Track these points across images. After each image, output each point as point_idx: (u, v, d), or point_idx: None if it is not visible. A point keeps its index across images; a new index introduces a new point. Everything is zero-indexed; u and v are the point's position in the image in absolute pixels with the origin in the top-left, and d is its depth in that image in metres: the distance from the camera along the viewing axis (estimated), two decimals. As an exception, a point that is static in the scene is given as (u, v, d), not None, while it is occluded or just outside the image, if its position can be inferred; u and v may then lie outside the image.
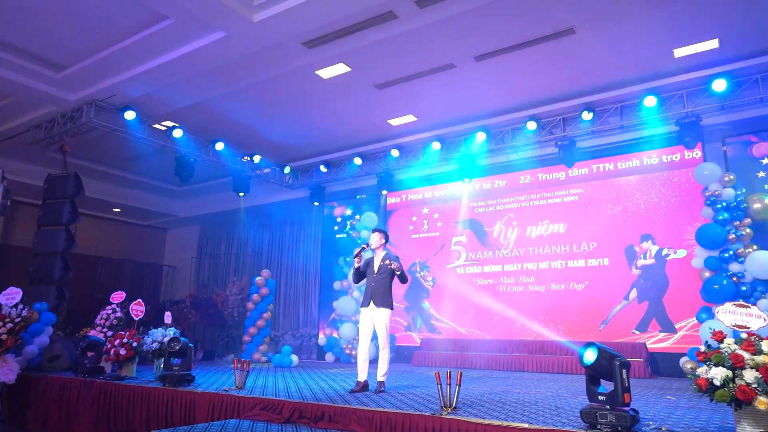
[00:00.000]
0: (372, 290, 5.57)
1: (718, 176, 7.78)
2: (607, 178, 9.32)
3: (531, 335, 9.47)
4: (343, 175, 12.18)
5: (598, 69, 8.27)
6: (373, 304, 5.54)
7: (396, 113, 10.04)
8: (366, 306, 5.59)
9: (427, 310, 10.82)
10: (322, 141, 11.42)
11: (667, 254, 8.52)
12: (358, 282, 5.79)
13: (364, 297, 5.66)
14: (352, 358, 10.62)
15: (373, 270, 5.62)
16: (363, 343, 5.55)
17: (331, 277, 11.98)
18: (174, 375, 5.69)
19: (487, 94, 9.23)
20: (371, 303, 5.56)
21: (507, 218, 10.22)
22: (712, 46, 7.52)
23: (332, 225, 12.68)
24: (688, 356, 7.75)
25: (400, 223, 11.62)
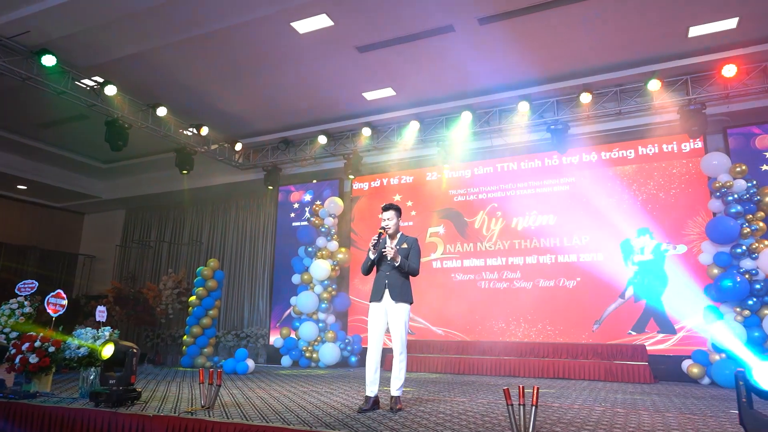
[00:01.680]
0: (387, 280, 4.39)
1: (727, 167, 7.29)
2: (601, 168, 8.67)
3: (517, 336, 8.64)
4: (304, 156, 10.81)
5: (602, 46, 7.57)
6: (388, 298, 4.36)
7: (373, 85, 8.87)
8: (378, 300, 4.39)
9: (398, 308, 9.69)
10: (284, 114, 10.00)
11: (666, 250, 7.98)
12: (369, 273, 4.57)
13: (374, 289, 4.45)
14: (312, 362, 9.31)
15: (385, 257, 4.43)
16: (374, 346, 4.34)
17: (287, 270, 10.57)
18: (112, 391, 4.19)
19: (478, 69, 8.29)
20: (386, 296, 4.37)
21: (490, 208, 9.34)
22: (729, 26, 7.00)
23: (288, 211, 11.26)
24: (693, 359, 7.21)
25: (367, 211, 10.44)
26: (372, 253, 4.36)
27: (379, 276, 4.42)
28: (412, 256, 4.43)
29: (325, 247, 9.76)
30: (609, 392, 5.84)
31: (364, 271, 4.50)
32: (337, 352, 9.15)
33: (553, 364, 7.62)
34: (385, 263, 4.41)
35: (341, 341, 9.35)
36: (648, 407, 4.62)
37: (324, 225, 9.86)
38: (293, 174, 11.36)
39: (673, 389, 6.32)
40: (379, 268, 4.45)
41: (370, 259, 4.40)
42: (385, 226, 4.42)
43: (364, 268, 4.48)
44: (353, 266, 10.22)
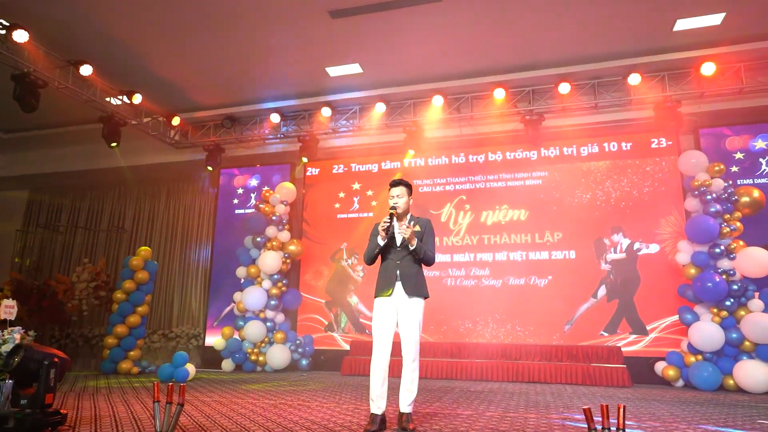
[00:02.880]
0: (399, 270, 3.58)
1: (705, 166, 7.18)
2: (575, 162, 8.37)
3: (484, 338, 8.13)
4: (252, 135, 9.69)
5: (584, 35, 7.24)
6: (401, 291, 3.56)
7: (339, 59, 8.00)
8: (386, 294, 3.57)
9: (354, 306, 8.89)
10: (232, 86, 8.86)
11: (638, 249, 7.79)
12: (373, 262, 3.75)
13: (381, 281, 3.63)
14: (257, 366, 8.26)
15: (394, 242, 3.64)
16: (382, 352, 3.52)
17: (229, 262, 9.43)
18: (25, 415, 3.06)
19: (455, 48, 7.68)
20: (397, 289, 3.56)
21: (458, 200, 8.78)
22: (714, 22, 6.87)
23: (231, 197, 10.08)
24: (667, 361, 7.02)
25: (322, 199, 9.53)
26: (381, 238, 3.55)
27: (388, 265, 3.61)
28: (426, 241, 3.66)
29: (276, 237, 8.74)
30: (621, 401, 5.40)
31: (368, 260, 3.67)
32: (287, 354, 8.18)
33: (528, 367, 7.15)
34: (395, 250, 3.61)
35: (291, 342, 8.38)
36: (701, 420, 4.16)
37: (275, 213, 8.82)
38: (238, 156, 10.18)
39: (661, 394, 6.02)
40: (386, 256, 3.64)
41: (378, 245, 3.58)
42: (394, 205, 3.62)
43: (369, 256, 3.65)
44: (305, 259, 9.27)
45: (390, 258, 3.60)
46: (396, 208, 3.61)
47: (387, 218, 3.50)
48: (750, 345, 6.44)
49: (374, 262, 3.69)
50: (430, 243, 3.66)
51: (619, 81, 7.93)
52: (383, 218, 3.55)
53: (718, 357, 6.61)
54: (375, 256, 3.63)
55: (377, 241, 3.55)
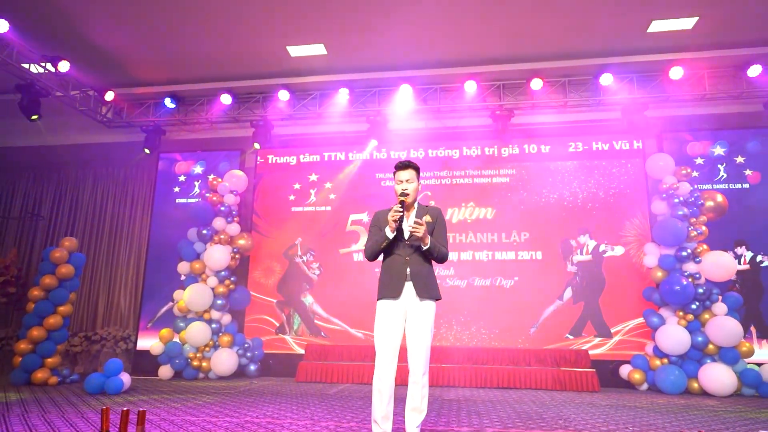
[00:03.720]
0: (409, 268, 3.05)
1: (672, 169, 7.20)
2: (543, 161, 8.19)
3: (448, 341, 7.76)
4: (198, 117, 8.77)
5: (560, 29, 7.03)
6: (411, 293, 3.04)
7: (303, 37, 7.34)
8: (394, 296, 3.03)
9: (309, 307, 8.24)
10: (178, 60, 7.94)
11: (604, 251, 7.72)
12: (377, 258, 3.19)
13: (387, 281, 3.09)
14: (200, 373, 7.42)
15: (402, 235, 3.11)
16: (389, 364, 2.97)
17: (167, 256, 8.49)
18: None
19: (429, 35, 7.24)
20: (407, 291, 3.03)
21: (423, 196, 8.34)
22: (687, 26, 6.88)
23: (172, 185, 9.09)
24: (632, 365, 6.95)
25: (275, 190, 8.79)
26: (390, 230, 3.01)
27: (395, 262, 3.07)
28: (438, 234, 3.16)
29: (225, 230, 7.92)
30: (616, 410, 5.15)
31: (372, 255, 3.13)
32: (234, 359, 7.40)
33: (497, 372, 6.84)
34: (402, 243, 3.09)
35: (239, 346, 7.60)
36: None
37: (224, 203, 7.99)
38: (181, 140, 9.21)
39: (634, 399, 5.88)
40: (392, 250, 3.10)
41: (387, 239, 3.03)
42: (404, 191, 3.10)
43: (374, 251, 3.11)
44: (255, 255, 8.50)
45: (397, 253, 3.07)
46: (406, 195, 3.08)
47: (398, 207, 2.98)
48: (714, 348, 6.48)
49: (377, 257, 3.14)
50: (443, 237, 3.17)
51: (589, 80, 7.83)
52: (393, 207, 3.01)
53: (683, 360, 6.60)
54: (380, 252, 3.08)
55: (385, 233, 3.01)
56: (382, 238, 3.06)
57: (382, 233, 3.07)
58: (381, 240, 3.06)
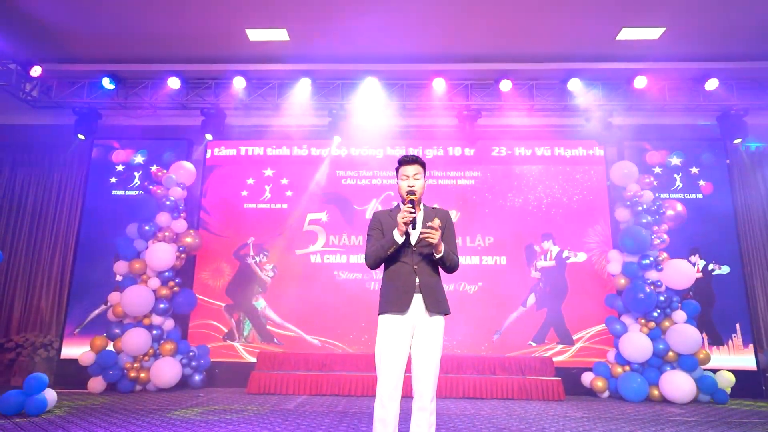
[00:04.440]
0: (418, 279, 2.66)
1: (636, 177, 7.26)
2: (509, 165, 8.05)
3: (409, 347, 7.42)
4: (141, 102, 7.96)
5: (531, 31, 6.90)
6: (420, 306, 2.64)
7: (265, 20, 6.80)
8: (401, 311, 2.63)
9: (261, 311, 7.65)
10: (121, 35, 7.14)
11: (567, 257, 7.67)
12: (379, 266, 2.77)
13: (391, 293, 2.68)
14: (138, 385, 6.67)
15: (408, 240, 2.72)
16: (394, 388, 2.55)
17: (100, 254, 7.65)
18: None
19: (399, 27, 6.91)
20: (416, 304, 2.63)
21: (385, 196, 7.99)
22: (654, 36, 6.94)
23: (107, 175, 8.19)
24: (594, 372, 6.91)
25: (226, 184, 8.13)
26: (400, 233, 2.61)
27: (401, 271, 2.68)
28: (448, 241, 2.81)
29: (170, 227, 7.19)
30: (590, 422, 4.97)
31: (375, 263, 2.73)
32: (178, 369, 6.71)
33: (461, 381, 6.57)
34: (410, 251, 2.69)
35: (183, 354, 6.91)
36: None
37: (170, 197, 7.26)
38: (120, 125, 8.34)
39: (604, 407, 5.79)
40: (396, 258, 2.70)
41: (395, 244, 2.63)
42: (411, 188, 2.72)
43: (379, 257, 2.70)
44: (201, 255, 7.81)
45: (403, 261, 2.67)
46: (413, 193, 2.70)
47: (410, 207, 2.58)
48: (673, 355, 6.54)
49: (380, 265, 2.73)
50: (453, 244, 2.81)
51: (556, 85, 7.77)
52: (403, 207, 2.62)
53: (644, 368, 6.63)
54: (385, 259, 2.67)
55: (393, 237, 2.61)
56: (389, 242, 2.65)
57: (388, 237, 2.67)
58: (388, 245, 2.65)
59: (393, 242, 2.64)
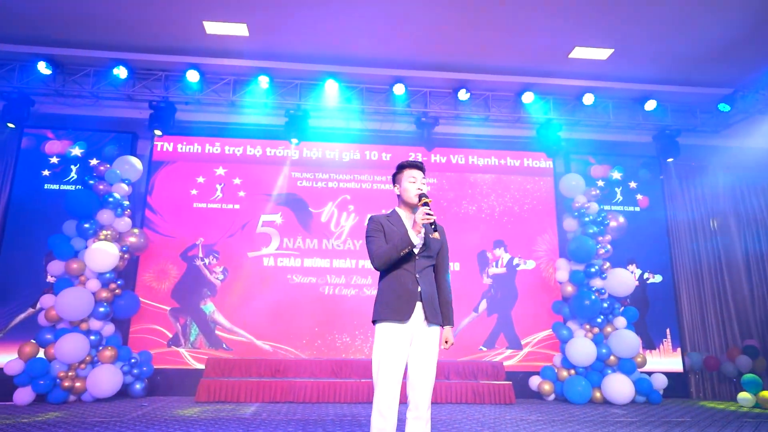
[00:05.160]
0: (420, 288, 2.63)
1: (583, 189, 7.62)
2: (463, 173, 8.22)
3: (363, 353, 7.38)
4: (81, 90, 7.42)
5: (488, 45, 7.09)
6: (420, 316, 2.61)
7: (224, 13, 6.54)
8: (402, 320, 2.59)
9: (209, 315, 7.33)
10: (62, 16, 6.61)
11: (517, 264, 7.92)
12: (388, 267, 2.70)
13: (393, 301, 2.63)
14: (71, 395, 6.17)
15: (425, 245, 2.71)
16: (393, 396, 2.50)
17: (27, 253, 7.05)
18: None
19: (362, 31, 6.88)
20: (417, 314, 2.59)
21: (342, 200, 7.91)
22: (602, 57, 7.34)
23: (39, 167, 7.56)
24: (541, 376, 7.18)
25: (173, 182, 7.73)
26: (417, 235, 2.58)
27: (402, 278, 2.65)
28: (444, 257, 2.83)
29: (112, 225, 6.73)
30: (549, 425, 5.12)
31: (386, 263, 2.66)
32: (119, 377, 6.28)
33: (417, 386, 6.59)
34: (412, 259, 2.67)
35: (124, 361, 6.48)
36: None
37: (113, 194, 6.80)
38: (55, 114, 7.73)
39: (556, 409, 6.02)
40: (398, 265, 2.66)
41: (411, 245, 2.59)
42: (420, 191, 2.71)
43: (392, 258, 2.65)
44: (146, 256, 7.37)
45: (405, 269, 2.64)
46: (427, 196, 2.69)
47: (427, 208, 2.56)
48: (614, 359, 6.92)
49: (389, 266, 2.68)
50: (447, 262, 2.83)
51: (511, 97, 8.02)
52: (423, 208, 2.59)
53: (588, 371, 6.96)
54: (395, 261, 2.62)
55: (408, 238, 2.57)
56: (403, 243, 2.59)
57: (401, 238, 2.61)
58: (402, 245, 2.59)
59: (408, 242, 2.60)
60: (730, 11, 6.27)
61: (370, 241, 2.72)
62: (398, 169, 2.88)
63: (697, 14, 6.35)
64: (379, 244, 2.67)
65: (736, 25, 6.54)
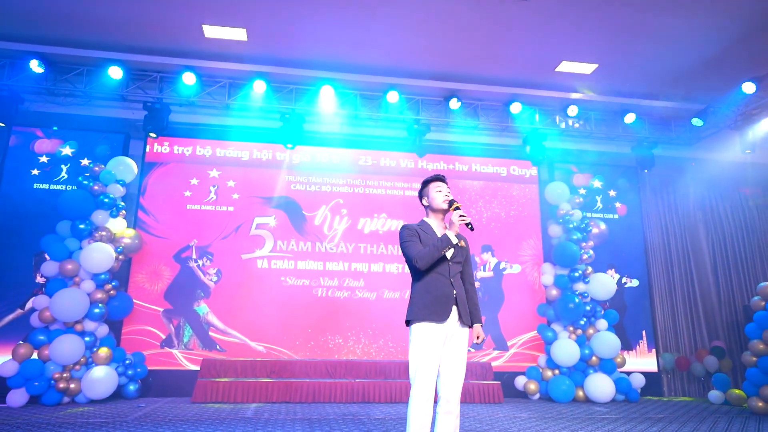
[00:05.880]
0: (455, 291, 2.84)
1: (568, 197, 7.97)
2: (453, 179, 8.43)
3: (355, 354, 7.54)
4: (74, 90, 7.37)
5: (479, 57, 7.37)
6: (455, 317, 2.81)
7: (224, 18, 6.63)
8: (440, 320, 2.77)
9: (203, 317, 7.36)
10: (57, 14, 6.58)
11: (504, 268, 8.22)
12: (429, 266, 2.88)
13: (430, 302, 2.80)
14: (66, 396, 6.13)
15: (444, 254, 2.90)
16: (430, 391, 2.69)
17: (14, 253, 6.95)
18: None
19: (355, 38, 7.04)
20: (453, 316, 2.79)
21: (335, 203, 8.06)
22: (587, 71, 7.71)
23: (28, 166, 7.45)
24: (527, 376, 7.48)
25: (167, 184, 7.73)
26: (454, 235, 2.79)
27: (439, 283, 2.83)
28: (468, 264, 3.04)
29: (107, 226, 6.71)
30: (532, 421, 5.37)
31: (427, 263, 2.82)
32: (114, 378, 6.27)
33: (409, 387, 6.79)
34: (446, 264, 2.87)
35: (119, 362, 6.47)
36: None
37: (108, 194, 6.77)
38: (44, 112, 7.64)
39: (543, 407, 6.31)
40: (432, 269, 2.84)
41: (451, 245, 2.79)
42: (449, 197, 2.93)
43: (433, 257, 2.82)
44: (139, 257, 7.36)
45: (439, 273, 2.83)
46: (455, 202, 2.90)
47: (461, 211, 2.78)
48: (596, 360, 7.27)
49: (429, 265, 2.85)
50: (472, 269, 3.05)
51: (500, 107, 8.32)
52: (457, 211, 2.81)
53: (571, 371, 7.29)
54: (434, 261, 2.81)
55: (448, 238, 2.76)
56: (443, 243, 2.77)
57: (439, 238, 2.79)
58: (443, 245, 2.77)
59: (448, 242, 2.78)
60: (705, 33, 6.71)
61: (408, 246, 2.88)
62: (424, 184, 3.07)
63: (676, 35, 6.77)
64: (419, 247, 2.85)
65: (710, 46, 6.99)
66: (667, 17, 6.42)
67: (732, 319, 8.91)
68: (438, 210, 2.98)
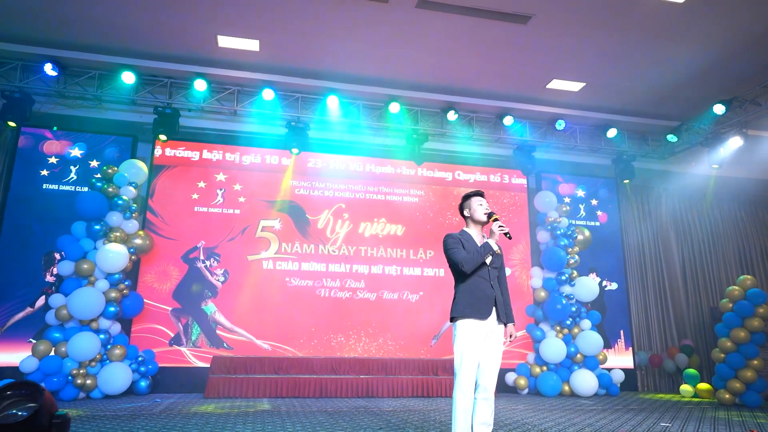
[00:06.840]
0: (495, 293, 3.26)
1: (555, 205, 8.55)
2: (449, 186, 8.94)
3: (356, 351, 7.93)
4: (85, 92, 7.52)
5: (477, 72, 7.84)
6: (494, 315, 3.23)
7: (239, 29, 6.93)
8: (483, 318, 3.19)
9: (210, 316, 7.62)
10: (70, 18, 6.72)
11: (495, 271, 8.71)
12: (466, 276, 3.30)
13: (474, 301, 3.20)
14: (82, 392, 6.32)
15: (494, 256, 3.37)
16: (473, 381, 3.11)
17: (25, 252, 7.10)
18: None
19: (361, 51, 7.41)
20: (493, 314, 3.22)
21: (337, 208, 8.42)
22: (575, 89, 8.29)
23: (37, 166, 7.57)
24: (517, 372, 8.00)
25: (175, 186, 7.96)
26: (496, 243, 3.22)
27: (482, 285, 3.25)
28: (504, 265, 3.49)
29: (120, 227, 6.92)
30: (537, 411, 5.86)
31: (472, 267, 3.22)
32: (128, 374, 6.50)
33: (410, 382, 7.24)
34: (487, 268, 3.30)
35: (132, 359, 6.69)
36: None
37: (121, 196, 6.98)
38: (56, 114, 7.77)
39: (531, 401, 6.83)
40: (475, 271, 3.27)
41: (492, 251, 3.22)
42: (489, 210, 3.37)
43: (476, 263, 3.22)
44: (148, 257, 7.57)
45: (481, 276, 3.25)
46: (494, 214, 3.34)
47: (500, 222, 3.22)
48: (581, 357, 7.86)
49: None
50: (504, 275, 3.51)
51: (493, 119, 8.83)
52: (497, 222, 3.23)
53: (558, 368, 7.86)
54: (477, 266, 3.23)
55: (490, 245, 3.19)
56: (486, 249, 3.19)
57: (482, 246, 3.21)
58: (486, 251, 3.19)
59: (489, 249, 3.21)
60: (682, 58, 7.34)
61: (454, 252, 3.29)
62: (465, 198, 3.49)
63: (655, 59, 7.39)
64: (463, 253, 3.26)
65: (686, 70, 7.65)
66: (649, 43, 7.03)
67: (699, 319, 9.67)
68: (478, 221, 3.40)
